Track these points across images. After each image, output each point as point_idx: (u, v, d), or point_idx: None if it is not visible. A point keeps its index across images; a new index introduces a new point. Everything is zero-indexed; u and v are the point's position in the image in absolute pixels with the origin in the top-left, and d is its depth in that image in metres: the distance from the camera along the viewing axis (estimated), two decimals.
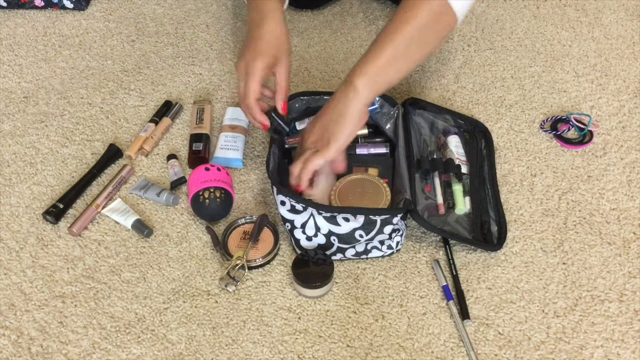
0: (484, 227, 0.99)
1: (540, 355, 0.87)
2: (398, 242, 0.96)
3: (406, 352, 0.88)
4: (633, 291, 0.94)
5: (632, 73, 1.27)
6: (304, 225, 0.94)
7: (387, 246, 0.96)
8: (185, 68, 1.30)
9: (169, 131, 1.18)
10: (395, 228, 0.93)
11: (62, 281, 0.96)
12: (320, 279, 0.91)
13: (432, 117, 1.13)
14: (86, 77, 1.28)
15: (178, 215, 1.04)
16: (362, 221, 0.91)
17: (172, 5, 1.45)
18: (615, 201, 1.05)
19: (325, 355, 0.88)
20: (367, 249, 0.96)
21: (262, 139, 1.17)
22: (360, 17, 1.41)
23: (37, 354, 0.88)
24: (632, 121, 1.18)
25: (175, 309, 0.93)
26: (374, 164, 1.04)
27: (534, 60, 1.31)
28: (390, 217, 0.91)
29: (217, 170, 1.02)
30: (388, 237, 0.94)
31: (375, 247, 0.95)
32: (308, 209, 0.91)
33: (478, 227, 0.99)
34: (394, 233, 0.93)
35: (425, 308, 0.92)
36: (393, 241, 0.95)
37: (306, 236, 0.95)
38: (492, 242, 0.98)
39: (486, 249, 0.97)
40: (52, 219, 1.02)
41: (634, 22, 1.39)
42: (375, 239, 0.94)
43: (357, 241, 0.93)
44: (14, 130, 1.18)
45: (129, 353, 0.88)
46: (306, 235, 0.94)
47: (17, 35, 1.38)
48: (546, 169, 1.10)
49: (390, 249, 0.96)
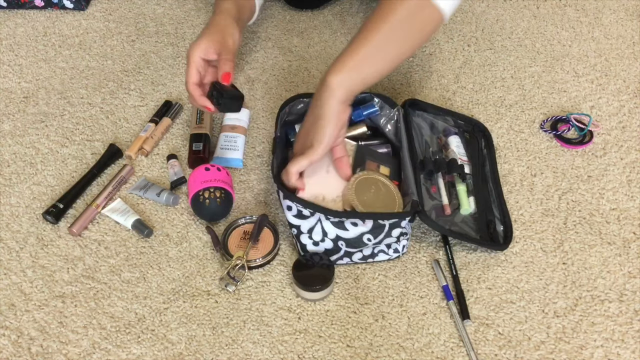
0: (490, 227, 0.99)
1: (540, 355, 0.87)
2: (404, 246, 0.96)
3: (406, 352, 0.88)
4: (633, 291, 0.94)
5: (632, 73, 1.27)
6: (310, 230, 0.93)
7: (393, 250, 0.95)
8: (185, 68, 1.30)
9: (169, 131, 1.18)
10: (403, 232, 0.92)
11: (62, 281, 0.96)
12: (321, 282, 0.91)
13: (431, 117, 1.13)
14: (86, 77, 1.28)
15: (178, 215, 1.04)
16: (370, 225, 0.91)
17: (172, 5, 1.45)
18: (615, 201, 1.05)
19: (325, 355, 0.88)
20: (374, 253, 0.95)
21: (262, 138, 1.17)
22: (360, 17, 1.41)
23: (37, 354, 0.88)
24: (632, 121, 1.18)
25: (175, 309, 0.93)
26: (387, 163, 1.04)
27: (534, 60, 1.31)
28: (399, 220, 0.91)
29: (217, 170, 1.02)
30: (396, 240, 0.94)
31: (382, 250, 0.95)
32: (315, 214, 0.91)
33: (484, 227, 0.99)
34: (402, 236, 0.93)
35: (425, 308, 0.92)
36: (400, 244, 0.95)
37: (313, 241, 0.94)
38: (498, 242, 0.98)
39: (494, 248, 0.97)
40: (52, 219, 1.02)
41: (634, 22, 1.39)
42: (383, 242, 0.93)
43: (365, 245, 0.93)
44: (14, 130, 1.18)
45: (129, 353, 0.88)
46: (313, 240, 0.94)
47: (17, 35, 1.38)
48: (546, 169, 1.10)
49: (396, 252, 0.96)
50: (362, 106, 1.07)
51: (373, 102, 1.07)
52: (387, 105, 1.07)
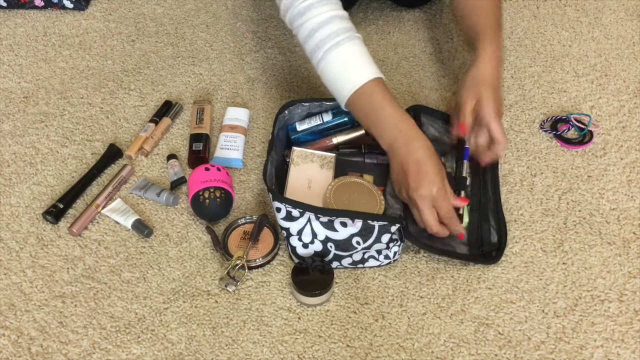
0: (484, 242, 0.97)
1: (540, 355, 0.87)
2: (396, 253, 0.95)
3: (406, 352, 0.88)
4: (633, 291, 0.94)
5: (632, 73, 1.27)
6: (300, 232, 0.93)
7: (384, 256, 0.95)
8: (185, 68, 1.30)
9: (168, 131, 1.18)
10: (393, 237, 0.92)
11: (62, 281, 0.96)
12: (320, 286, 0.91)
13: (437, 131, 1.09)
14: (86, 77, 1.28)
15: (178, 215, 1.04)
16: (359, 226, 0.91)
17: (172, 5, 1.45)
18: (615, 201, 1.05)
19: (325, 355, 0.88)
20: (364, 258, 0.95)
21: (262, 138, 1.17)
22: (360, 17, 1.41)
23: (37, 354, 0.88)
24: (632, 121, 1.18)
25: (175, 309, 0.93)
26: (370, 171, 1.04)
27: (534, 60, 1.31)
28: (389, 225, 0.90)
29: (217, 170, 1.02)
30: (385, 246, 0.93)
31: (372, 256, 0.95)
32: (305, 214, 0.90)
33: (475, 241, 0.97)
34: (391, 242, 0.93)
35: (425, 308, 0.92)
36: (391, 251, 0.94)
37: (302, 243, 0.94)
38: (490, 256, 0.97)
39: (484, 263, 0.96)
40: (52, 219, 1.02)
41: (634, 22, 1.39)
42: (373, 247, 0.93)
43: (355, 249, 0.93)
44: (14, 130, 1.18)
45: (129, 353, 0.88)
46: (302, 242, 0.94)
47: (17, 35, 1.38)
48: (546, 169, 1.10)
49: (387, 258, 0.95)
50: None
51: None
52: None
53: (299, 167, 1.01)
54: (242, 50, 1.34)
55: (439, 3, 1.44)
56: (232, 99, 1.24)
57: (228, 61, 1.32)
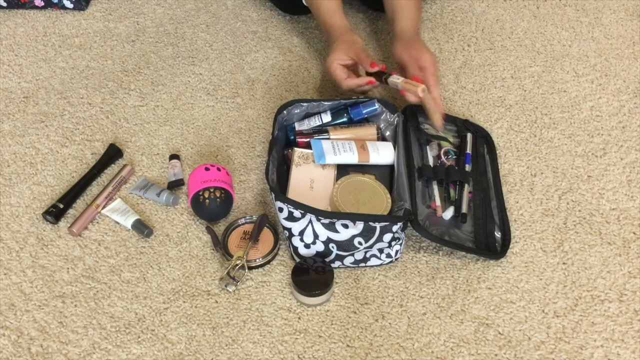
0: (489, 236, 0.98)
1: (540, 355, 0.87)
2: (397, 251, 0.95)
3: (406, 352, 0.88)
4: (633, 291, 0.94)
5: (632, 73, 1.27)
6: (302, 232, 0.93)
7: (386, 254, 0.95)
8: (185, 68, 1.30)
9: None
10: (395, 236, 0.92)
11: (62, 281, 0.96)
12: (320, 286, 0.91)
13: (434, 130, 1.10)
14: (86, 77, 1.28)
15: (178, 215, 1.04)
16: (361, 228, 0.90)
17: (172, 5, 1.46)
18: (615, 201, 1.05)
19: (325, 355, 0.88)
20: (365, 257, 0.95)
21: (262, 138, 1.17)
22: (360, 17, 1.41)
23: (37, 354, 0.88)
24: (632, 121, 1.18)
25: (175, 309, 0.93)
26: (371, 171, 1.04)
27: (534, 60, 1.31)
28: (390, 224, 0.90)
29: (217, 170, 1.02)
30: (387, 245, 0.93)
31: (374, 255, 0.95)
32: (306, 215, 0.91)
33: (481, 235, 0.98)
34: (393, 242, 0.93)
35: (425, 308, 0.92)
36: (392, 250, 0.95)
37: (304, 244, 0.94)
38: (495, 250, 0.97)
39: (489, 257, 0.97)
40: (52, 219, 1.02)
41: (634, 22, 1.39)
42: (375, 247, 0.93)
43: (356, 249, 0.93)
44: (14, 130, 1.18)
45: (129, 353, 0.88)
46: (304, 242, 0.94)
47: (17, 35, 1.38)
48: (546, 169, 1.10)
49: (389, 257, 0.96)
50: (362, 104, 1.07)
51: (373, 102, 1.07)
52: (388, 111, 1.07)
53: (300, 167, 1.01)
54: (242, 50, 1.34)
55: (439, 3, 1.44)
56: (232, 99, 1.24)
57: (228, 61, 1.32)
